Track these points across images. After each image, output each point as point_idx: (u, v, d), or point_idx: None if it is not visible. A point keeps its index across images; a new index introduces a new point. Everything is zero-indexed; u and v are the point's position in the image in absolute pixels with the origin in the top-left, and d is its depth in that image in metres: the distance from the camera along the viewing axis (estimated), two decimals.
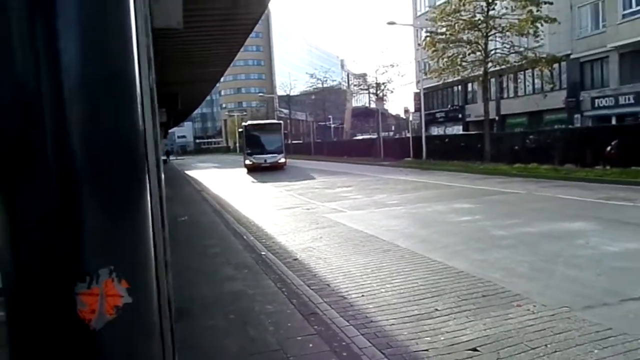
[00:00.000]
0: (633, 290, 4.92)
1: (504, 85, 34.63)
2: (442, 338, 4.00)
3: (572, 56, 30.55)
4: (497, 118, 34.38)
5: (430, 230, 8.63)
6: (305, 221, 10.33)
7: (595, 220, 8.65)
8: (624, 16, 26.90)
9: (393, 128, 63.30)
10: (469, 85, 37.72)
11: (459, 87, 39.39)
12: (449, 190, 14.90)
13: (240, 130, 30.60)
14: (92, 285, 0.76)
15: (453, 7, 21.30)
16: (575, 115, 30.81)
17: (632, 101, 27.11)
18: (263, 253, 7.26)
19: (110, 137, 0.82)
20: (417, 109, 35.29)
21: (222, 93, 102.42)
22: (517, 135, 23.73)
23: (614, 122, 27.44)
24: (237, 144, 45.53)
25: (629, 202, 10.56)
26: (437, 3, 31.16)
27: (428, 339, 4.00)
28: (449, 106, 42.17)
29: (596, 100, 29.31)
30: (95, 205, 0.79)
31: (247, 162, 29.26)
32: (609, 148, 16.91)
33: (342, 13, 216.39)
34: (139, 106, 0.90)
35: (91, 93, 0.82)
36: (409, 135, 33.63)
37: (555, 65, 31.78)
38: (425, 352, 3.76)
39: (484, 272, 5.81)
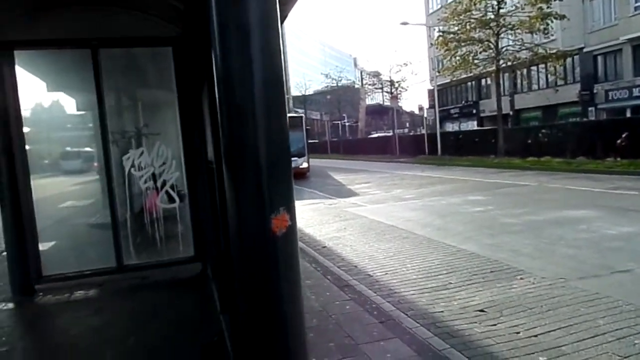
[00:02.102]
0: (622, 265, 5.66)
1: (518, 80, 34.92)
2: (455, 303, 4.81)
3: (585, 49, 30.87)
4: (511, 113, 34.79)
5: (445, 220, 9.39)
6: (329, 215, 11.16)
7: (599, 208, 9.32)
8: (635, 9, 27.19)
9: (408, 125, 63.74)
10: (483, 80, 38.20)
11: (473, 83, 39.81)
12: (464, 184, 15.59)
13: None
14: (277, 215, 1.56)
15: (464, 6, 21.91)
16: (590, 108, 31.09)
17: None
18: None
19: (278, 138, 1.63)
20: (432, 106, 35.85)
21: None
22: (530, 130, 24.21)
23: (628, 114, 27.72)
24: None
25: (635, 192, 11.18)
26: (449, 1, 31.75)
27: (443, 304, 4.81)
28: (463, 102, 42.61)
29: (610, 93, 29.58)
30: (275, 181, 1.59)
31: None
32: (619, 140, 17.42)
33: (354, 11, 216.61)
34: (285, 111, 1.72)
35: (268, 107, 1.63)
36: (423, 132, 34.21)
37: (569, 59, 32.16)
38: (441, 312, 4.57)
39: (493, 253, 6.58)
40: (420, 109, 36.09)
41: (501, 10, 22.29)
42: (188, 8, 4.57)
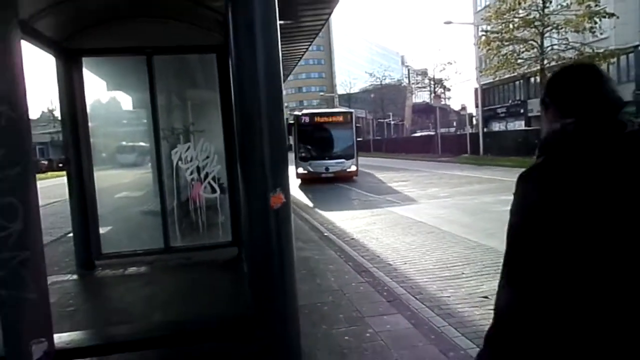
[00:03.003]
0: None
1: None
2: (463, 290, 5.24)
3: None
4: None
5: (473, 218, 9.70)
6: (362, 210, 11.67)
7: None
8: None
9: (455, 124, 62.91)
10: (532, 79, 37.35)
11: (521, 82, 38.95)
12: (501, 184, 15.63)
13: (290, 122, 20.38)
14: (275, 194, 2.13)
15: (508, 5, 21.70)
16: None
17: None
18: (325, 233, 8.70)
19: (277, 135, 2.20)
20: (479, 105, 35.47)
21: (284, 93, 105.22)
22: None
23: None
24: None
25: None
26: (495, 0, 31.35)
27: (452, 290, 5.25)
28: (510, 101, 41.75)
29: None
30: (274, 169, 2.16)
31: (300, 170, 19.62)
32: None
33: (404, 9, 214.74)
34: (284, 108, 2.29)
35: (269, 110, 2.19)
36: (466, 131, 33.92)
37: (623, 57, 30.96)
38: (447, 297, 5.02)
39: None
40: (463, 108, 35.73)
41: (546, 9, 21.92)
42: (226, 19, 5.24)
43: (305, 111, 23.76)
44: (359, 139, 23.07)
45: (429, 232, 8.39)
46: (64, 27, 5.79)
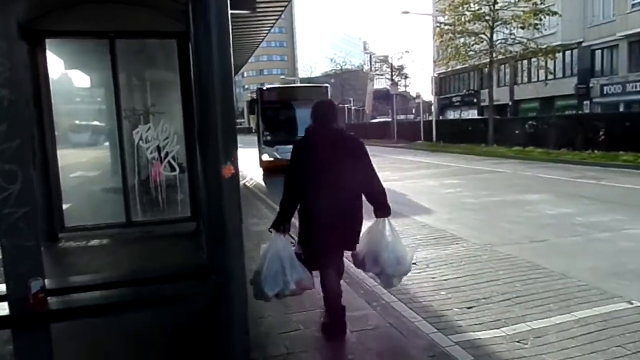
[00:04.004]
0: (543, 236, 6.83)
1: (518, 71, 35.67)
2: None
3: (584, 44, 31.59)
4: (510, 103, 35.70)
5: (417, 198, 10.56)
6: None
7: (554, 193, 10.45)
8: (633, 6, 27.80)
9: (414, 111, 64.47)
10: (484, 70, 38.98)
11: (475, 72, 40.54)
12: (447, 169, 16.71)
13: (252, 97, 18.24)
14: (226, 166, 2.70)
15: None
16: (585, 102, 31.95)
17: (638, 89, 28.21)
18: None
19: (228, 114, 2.76)
20: (436, 93, 36.74)
21: (245, 75, 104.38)
22: (518, 121, 25.16)
23: (621, 108, 28.60)
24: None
25: (594, 180, 12.29)
26: None
27: None
28: (465, 91, 43.35)
29: (605, 88, 30.37)
30: (225, 145, 2.73)
31: (265, 157, 16.36)
32: (600, 133, 18.45)
33: None
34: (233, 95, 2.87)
35: (222, 94, 2.75)
36: (424, 118, 35.12)
37: (568, 53, 32.89)
38: None
39: (443, 225, 7.76)
40: (418, 96, 36.91)
41: (497, 5, 23.13)
42: (186, 8, 5.69)
43: (270, 85, 21.00)
44: None
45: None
46: (28, 10, 6.06)
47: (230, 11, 2.89)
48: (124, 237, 6.89)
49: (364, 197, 3.74)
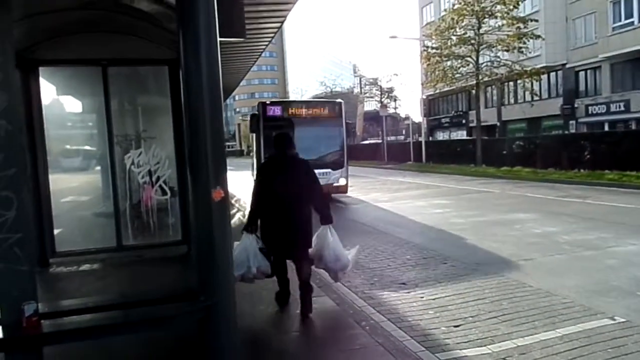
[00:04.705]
0: (530, 255, 6.96)
1: (505, 92, 36.33)
2: (387, 279, 6.09)
3: (567, 65, 32.39)
4: (498, 124, 36.29)
5: (406, 219, 10.69)
6: None
7: (540, 212, 10.63)
8: (613, 29, 28.65)
9: (404, 132, 65.04)
10: (473, 92, 39.69)
11: (463, 94, 41.24)
12: (436, 189, 16.90)
13: (251, 115, 14.96)
14: (216, 190, 2.80)
15: (447, 24, 23.37)
16: (571, 122, 32.57)
17: (622, 108, 28.87)
18: None
19: (218, 139, 2.87)
20: (425, 115, 37.23)
21: (236, 98, 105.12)
22: (505, 141, 25.55)
23: (606, 128, 29.22)
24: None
25: (580, 199, 12.52)
26: (440, 15, 33.23)
27: (376, 279, 6.09)
28: (454, 112, 44.00)
29: (590, 108, 31.05)
30: (215, 170, 2.83)
31: None
32: (586, 152, 18.81)
33: (356, 20, 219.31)
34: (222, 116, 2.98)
35: (212, 118, 2.86)
36: (414, 140, 35.51)
37: (553, 74, 33.65)
38: (372, 284, 5.84)
39: (430, 244, 7.87)
40: (406, 118, 37.44)
41: (481, 30, 23.75)
42: (177, 37, 5.86)
43: (273, 100, 18.37)
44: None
45: (366, 232, 9.26)
46: (23, 39, 6.20)
47: (220, 39, 3.05)
48: (115, 261, 6.91)
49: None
